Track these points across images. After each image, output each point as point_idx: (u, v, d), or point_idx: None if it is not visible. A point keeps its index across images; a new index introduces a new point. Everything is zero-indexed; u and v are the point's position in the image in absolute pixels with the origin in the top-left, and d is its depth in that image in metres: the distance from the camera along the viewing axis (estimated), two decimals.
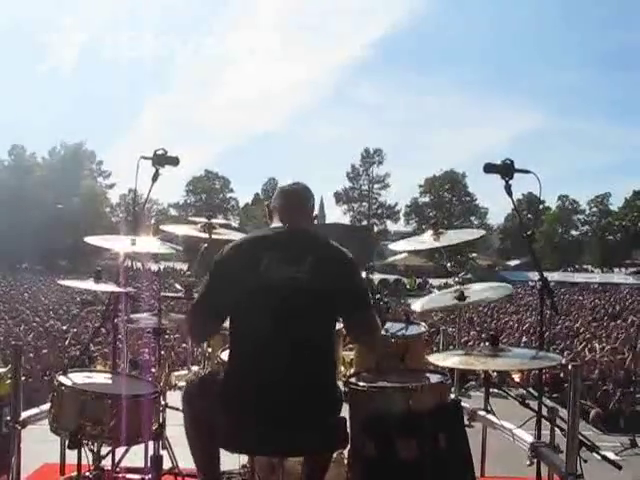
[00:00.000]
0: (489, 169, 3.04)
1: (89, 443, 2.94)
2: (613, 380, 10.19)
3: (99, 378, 3.27)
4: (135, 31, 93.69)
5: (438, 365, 3.04)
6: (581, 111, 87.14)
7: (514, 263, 48.98)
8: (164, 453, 3.52)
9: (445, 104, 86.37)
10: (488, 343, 3.03)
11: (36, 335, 13.35)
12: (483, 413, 3.87)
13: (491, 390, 3.97)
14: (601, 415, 8.54)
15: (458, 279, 3.88)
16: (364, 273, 3.65)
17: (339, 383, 2.94)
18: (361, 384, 2.81)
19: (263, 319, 2.59)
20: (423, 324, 4.10)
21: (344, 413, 2.75)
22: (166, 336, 3.95)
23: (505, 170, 3.02)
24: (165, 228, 4.50)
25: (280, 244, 2.71)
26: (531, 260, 3.40)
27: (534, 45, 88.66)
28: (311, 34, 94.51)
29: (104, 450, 3.06)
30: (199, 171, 60.55)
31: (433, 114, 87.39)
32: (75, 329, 13.56)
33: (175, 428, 3.38)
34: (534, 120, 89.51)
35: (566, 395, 2.89)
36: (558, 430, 3.00)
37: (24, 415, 3.28)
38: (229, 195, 62.38)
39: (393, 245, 4.45)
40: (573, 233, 58.68)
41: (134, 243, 3.52)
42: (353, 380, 2.89)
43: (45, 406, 3.22)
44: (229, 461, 2.93)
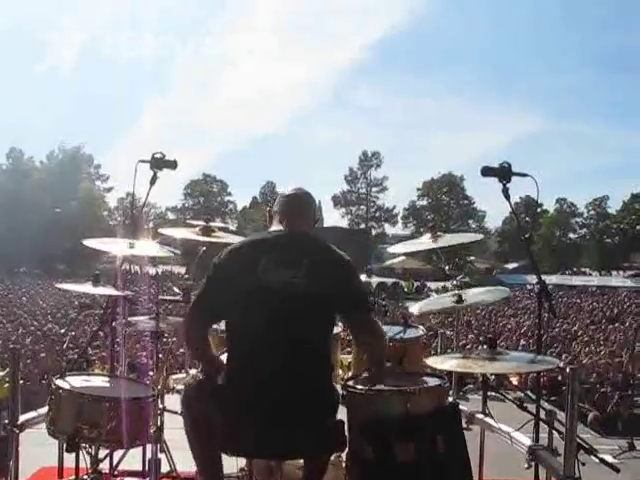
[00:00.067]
0: (487, 172, 3.04)
1: (87, 446, 2.94)
2: (611, 383, 10.19)
3: (97, 381, 3.27)
4: (134, 31, 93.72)
5: (436, 368, 3.04)
6: (579, 114, 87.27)
7: (512, 266, 48.92)
8: (162, 456, 3.52)
9: (443, 107, 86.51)
10: (486, 346, 3.03)
11: (34, 339, 13.31)
12: (481, 416, 3.87)
13: (489, 393, 3.97)
14: (599, 418, 8.54)
15: (456, 282, 3.89)
16: (363, 276, 3.66)
17: (337, 386, 2.95)
18: (359, 387, 2.81)
19: (260, 321, 2.59)
20: (421, 327, 4.12)
21: (342, 416, 2.75)
22: (164, 339, 3.94)
23: (503, 173, 3.03)
24: (163, 231, 4.49)
25: (279, 247, 2.72)
26: (529, 263, 3.40)
27: (532, 47, 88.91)
28: (309, 36, 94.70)
29: (102, 453, 3.06)
30: (197, 174, 60.67)
31: (431, 117, 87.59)
32: (73, 332, 13.50)
33: (173, 431, 3.38)
34: (532, 123, 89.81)
35: (564, 398, 2.89)
36: (556, 433, 3.00)
37: (22, 418, 3.27)
38: (227, 198, 62.45)
39: (392, 248, 4.46)
40: (571, 236, 58.63)
41: (132, 246, 3.52)
42: (351, 383, 2.89)
43: (43, 409, 3.21)
44: (227, 464, 2.92)
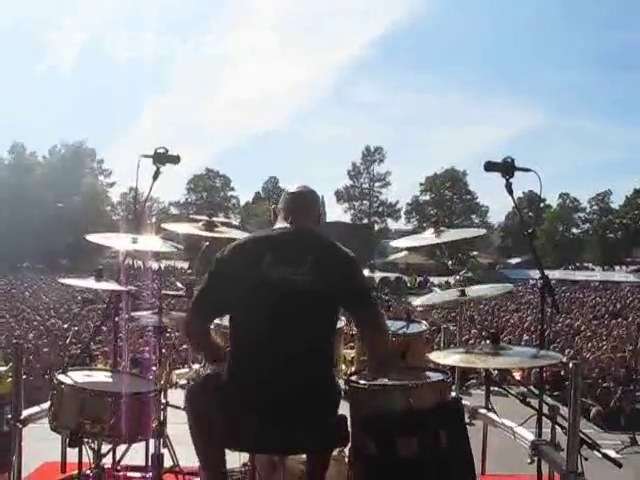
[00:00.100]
0: (490, 167, 3.03)
1: (89, 441, 2.94)
2: (614, 378, 10.19)
3: (99, 376, 3.28)
4: (135, 30, 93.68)
5: (439, 363, 3.04)
6: (582, 109, 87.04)
7: (515, 261, 48.89)
8: (165, 451, 3.53)
9: (445, 102, 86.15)
10: (489, 341, 3.02)
11: (37, 334, 13.35)
12: (484, 411, 3.87)
13: (492, 388, 3.97)
14: (602, 413, 8.55)
15: (459, 277, 3.88)
16: (366, 271, 3.65)
17: (339, 381, 2.95)
18: (362, 382, 2.81)
19: (262, 318, 2.59)
20: (424, 322, 4.11)
21: (345, 411, 2.75)
22: (167, 334, 3.94)
23: (506, 168, 3.02)
24: (166, 226, 4.49)
25: (283, 244, 2.72)
26: (532, 258, 3.39)
27: (534, 43, 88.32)
28: (310, 34, 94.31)
29: (105, 448, 3.06)
30: (200, 169, 60.46)
31: (433, 112, 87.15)
32: (76, 327, 13.54)
33: (176, 426, 3.39)
34: (534, 118, 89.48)
35: (567, 393, 2.89)
36: (559, 428, 3.00)
37: (25, 413, 3.28)
38: (230, 193, 62.32)
39: (395, 242, 4.46)
40: (574, 231, 58.53)
41: (135, 241, 3.52)
42: (354, 378, 2.88)
43: (46, 404, 3.22)
44: (230, 459, 2.93)
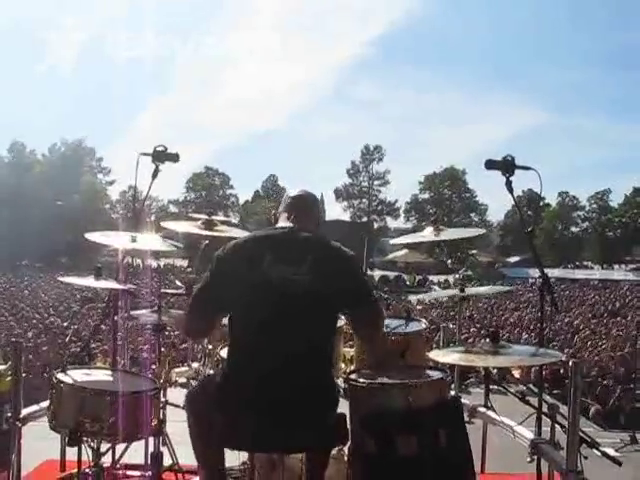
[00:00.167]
0: (490, 165, 3.03)
1: (89, 440, 2.94)
2: (613, 377, 10.20)
3: (98, 375, 3.27)
4: (135, 30, 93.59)
5: (438, 362, 3.04)
6: (581, 108, 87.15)
7: (514, 260, 48.97)
8: (164, 450, 3.53)
9: (444, 100, 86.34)
10: (488, 340, 3.02)
11: (36, 332, 13.36)
12: (483, 410, 3.87)
13: (491, 387, 3.97)
14: (601, 412, 8.56)
15: (458, 276, 3.89)
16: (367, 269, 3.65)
17: (339, 380, 2.94)
18: (361, 380, 2.80)
19: (262, 316, 2.59)
20: (423, 320, 4.11)
21: (344, 410, 2.75)
22: (166, 333, 3.94)
23: (506, 166, 3.02)
24: (165, 225, 4.49)
25: (283, 243, 2.72)
26: (532, 256, 3.39)
27: (533, 41, 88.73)
28: (309, 33, 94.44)
29: (104, 447, 3.06)
30: (199, 168, 60.47)
31: (432, 111, 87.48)
32: (75, 326, 13.53)
33: (175, 425, 3.39)
34: (534, 117, 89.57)
35: (566, 392, 2.89)
36: (558, 427, 3.00)
37: (24, 412, 3.28)
38: (229, 192, 62.34)
39: (394, 240, 4.47)
40: (573, 230, 58.59)
41: (134, 240, 3.51)
42: (353, 376, 2.88)
43: (45, 403, 3.21)
44: (229, 458, 2.92)
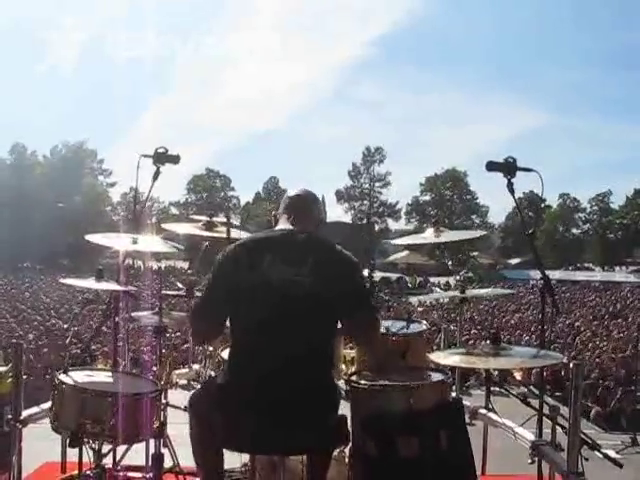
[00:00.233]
0: (492, 167, 3.03)
1: (90, 441, 2.94)
2: (614, 378, 10.18)
3: (100, 376, 3.27)
4: (135, 30, 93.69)
5: (439, 363, 3.03)
6: (582, 109, 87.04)
7: (515, 261, 48.92)
8: (165, 451, 3.52)
9: (446, 102, 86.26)
10: (489, 341, 3.02)
11: (37, 334, 13.36)
12: (484, 411, 3.87)
13: (492, 388, 3.97)
14: (602, 413, 8.55)
15: (459, 277, 3.89)
16: (366, 271, 3.65)
17: (340, 382, 2.94)
18: (362, 382, 2.80)
19: (263, 317, 2.59)
20: (424, 322, 4.11)
21: (345, 411, 2.75)
22: (167, 334, 3.95)
23: (508, 168, 3.01)
24: (166, 226, 4.49)
25: (284, 244, 2.72)
26: (533, 258, 3.39)
27: (535, 42, 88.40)
28: (310, 34, 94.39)
29: (105, 448, 3.06)
30: (200, 169, 60.39)
31: (434, 112, 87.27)
32: (76, 327, 13.53)
33: (176, 426, 3.39)
34: (535, 118, 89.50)
35: (568, 393, 2.89)
36: (559, 428, 3.00)
37: (25, 414, 3.28)
38: (230, 194, 62.30)
39: (396, 241, 4.47)
40: (574, 231, 58.48)
41: (135, 241, 3.52)
42: (354, 378, 2.88)
43: (46, 405, 3.22)
44: (231, 460, 2.92)
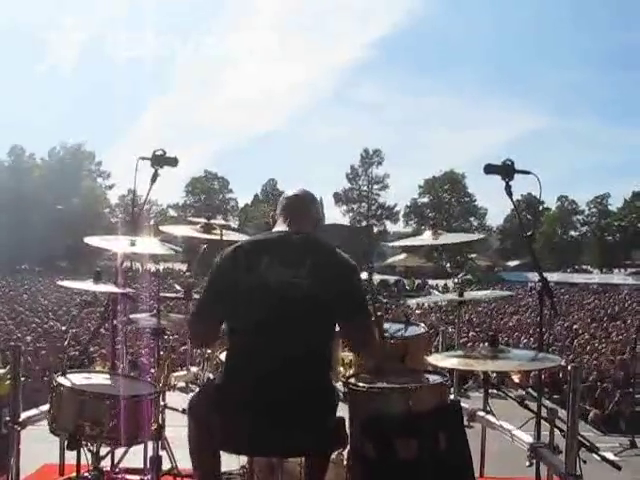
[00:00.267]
0: (490, 170, 3.03)
1: (88, 444, 2.94)
2: (613, 381, 10.18)
3: (98, 379, 3.27)
4: (135, 30, 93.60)
5: (438, 366, 3.04)
6: (580, 112, 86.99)
7: (513, 264, 48.96)
8: (163, 454, 3.52)
9: (445, 104, 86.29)
10: (487, 344, 3.02)
11: (35, 336, 13.34)
12: (483, 414, 3.87)
13: (490, 391, 3.97)
14: (600, 416, 8.54)
15: (457, 280, 3.90)
16: (365, 274, 3.65)
17: (338, 384, 2.94)
18: (361, 385, 2.80)
19: (261, 319, 2.59)
20: (422, 325, 4.11)
21: (344, 413, 2.75)
22: (165, 336, 3.94)
23: (506, 171, 3.01)
24: (164, 229, 4.50)
25: (281, 246, 2.72)
26: (531, 261, 3.39)
27: (534, 45, 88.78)
28: (310, 34, 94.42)
29: (103, 451, 3.06)
30: (198, 172, 60.40)
31: (433, 114, 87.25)
32: (74, 330, 13.51)
33: (175, 429, 3.38)
34: (533, 121, 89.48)
35: (566, 396, 2.89)
36: (557, 431, 2.99)
37: (23, 416, 3.27)
38: (228, 196, 62.27)
39: (394, 243, 4.48)
40: (572, 234, 58.60)
41: (133, 244, 3.52)
42: (352, 381, 2.88)
43: (44, 407, 3.22)
44: (228, 462, 2.92)
